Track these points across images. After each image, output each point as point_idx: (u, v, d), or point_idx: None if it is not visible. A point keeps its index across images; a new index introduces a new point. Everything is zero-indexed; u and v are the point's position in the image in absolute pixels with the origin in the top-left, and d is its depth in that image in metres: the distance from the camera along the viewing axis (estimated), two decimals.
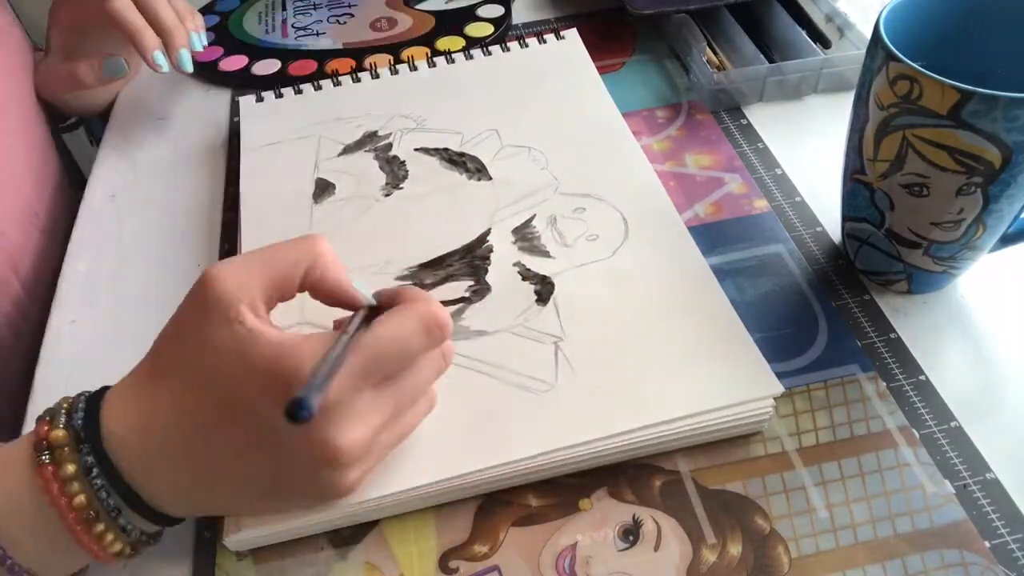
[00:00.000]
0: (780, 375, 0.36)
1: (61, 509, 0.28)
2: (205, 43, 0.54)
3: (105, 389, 0.31)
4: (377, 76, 0.57)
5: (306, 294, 0.42)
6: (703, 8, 0.58)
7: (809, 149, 0.51)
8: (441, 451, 0.35)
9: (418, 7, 0.66)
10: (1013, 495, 0.34)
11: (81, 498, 0.28)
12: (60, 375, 0.42)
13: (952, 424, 0.37)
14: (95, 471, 0.29)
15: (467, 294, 0.42)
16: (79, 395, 0.31)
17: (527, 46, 0.58)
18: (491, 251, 0.44)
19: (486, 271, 0.43)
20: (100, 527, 0.29)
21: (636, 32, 0.62)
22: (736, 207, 0.47)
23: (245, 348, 0.28)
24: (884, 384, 0.38)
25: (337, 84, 0.57)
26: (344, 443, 0.29)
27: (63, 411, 0.30)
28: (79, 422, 0.29)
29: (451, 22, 0.63)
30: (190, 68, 0.52)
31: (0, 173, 0.49)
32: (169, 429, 0.29)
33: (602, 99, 0.53)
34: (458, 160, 0.50)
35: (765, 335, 0.40)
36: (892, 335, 0.40)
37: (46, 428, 0.29)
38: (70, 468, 0.28)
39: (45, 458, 0.28)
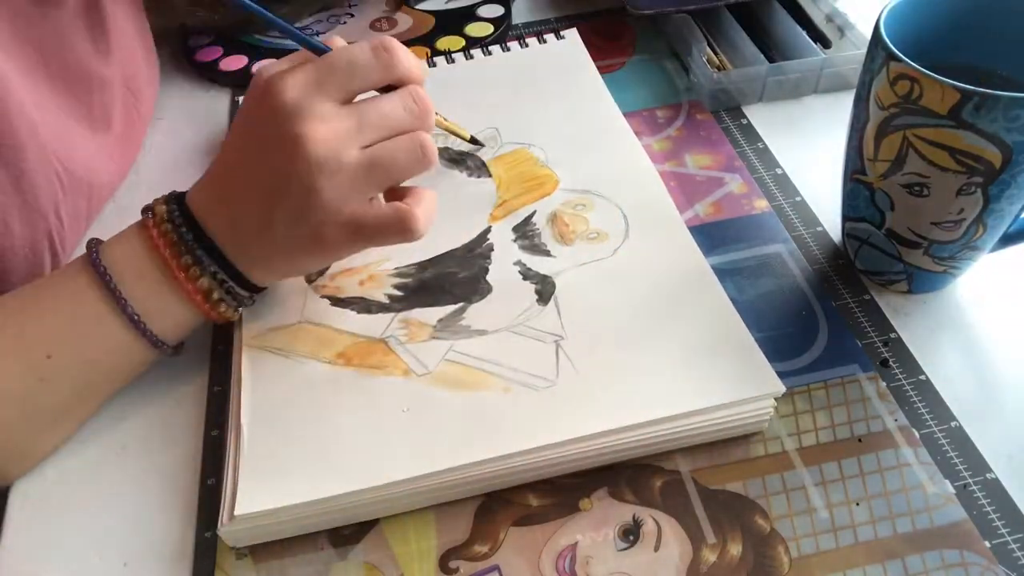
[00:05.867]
0: (780, 375, 0.36)
1: (157, 247, 0.36)
2: None
3: None
4: None
5: (307, 294, 0.42)
6: (703, 8, 0.58)
7: (809, 149, 0.51)
8: (441, 444, 0.35)
9: (418, 7, 0.66)
10: (1013, 495, 0.34)
11: (171, 235, 0.36)
12: None
13: (952, 424, 0.37)
14: (176, 212, 0.37)
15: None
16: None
17: (527, 46, 0.58)
18: (491, 250, 0.44)
19: (487, 270, 0.43)
20: (187, 259, 0.36)
21: (636, 32, 0.62)
22: (736, 207, 0.47)
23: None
24: (884, 384, 0.38)
25: None
26: (302, 131, 0.34)
27: (164, 195, 0.38)
28: (173, 194, 0.38)
29: (451, 22, 0.63)
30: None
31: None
32: (213, 180, 0.38)
33: (602, 98, 0.53)
34: (458, 159, 0.50)
35: (765, 335, 0.40)
36: (892, 335, 0.40)
37: (152, 203, 0.38)
38: (162, 211, 0.37)
39: (148, 215, 0.37)
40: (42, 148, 0.42)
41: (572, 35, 0.59)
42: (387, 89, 0.37)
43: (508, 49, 0.58)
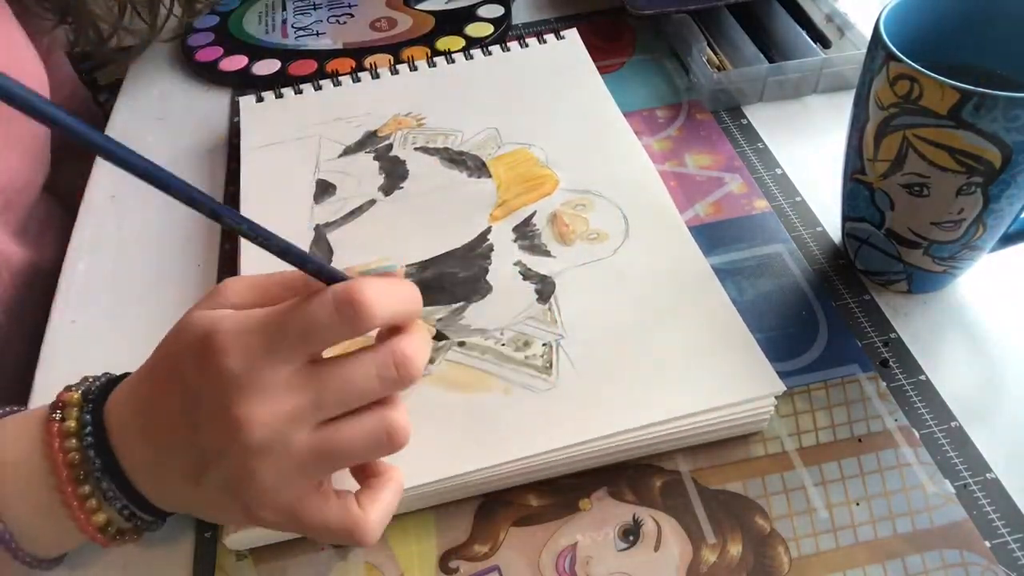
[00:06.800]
0: (780, 375, 0.36)
1: (56, 464, 0.30)
2: None
3: (128, 374, 0.33)
4: (377, 76, 0.57)
5: None
6: (703, 8, 0.58)
7: (809, 149, 0.51)
8: (441, 450, 0.35)
9: (418, 7, 0.66)
10: (1013, 495, 0.34)
11: (75, 455, 0.30)
12: (60, 375, 0.42)
13: (952, 424, 0.37)
14: (89, 429, 0.30)
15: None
16: (106, 373, 0.33)
17: (527, 46, 0.58)
18: (491, 250, 0.44)
19: (487, 270, 0.43)
20: (86, 488, 0.30)
21: (636, 32, 0.62)
22: (736, 207, 0.47)
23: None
24: (884, 384, 0.38)
25: (337, 84, 0.56)
26: (243, 413, 0.27)
27: (87, 381, 0.33)
28: (94, 389, 0.32)
29: (451, 22, 0.63)
30: None
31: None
32: (137, 404, 0.31)
33: (602, 98, 0.53)
34: (458, 159, 0.50)
35: (765, 335, 0.40)
36: (892, 335, 0.40)
37: (67, 393, 0.32)
38: (72, 425, 0.31)
39: (56, 415, 0.31)
40: None
41: (572, 35, 0.59)
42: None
43: (508, 49, 0.58)
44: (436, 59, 0.58)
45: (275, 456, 0.28)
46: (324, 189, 0.48)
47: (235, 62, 0.61)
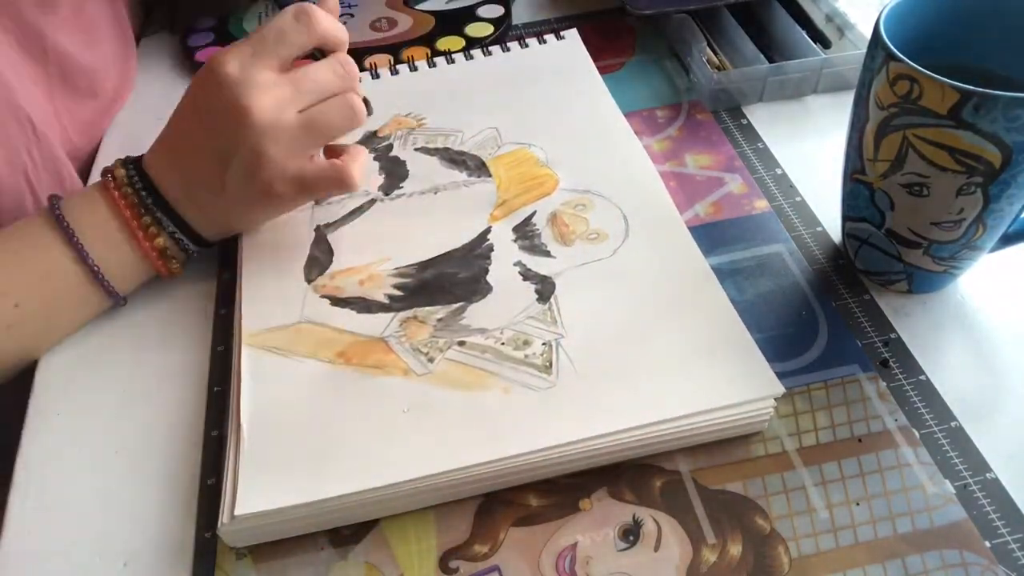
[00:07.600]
0: (780, 375, 0.36)
1: (119, 207, 0.41)
2: None
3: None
4: (377, 76, 0.57)
5: (306, 294, 0.42)
6: (703, 8, 0.58)
7: (809, 149, 0.51)
8: (441, 445, 0.35)
9: (418, 7, 0.66)
10: (1013, 495, 0.34)
11: (132, 197, 0.41)
12: (61, 373, 0.42)
13: (952, 424, 0.37)
14: (135, 177, 0.41)
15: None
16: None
17: (527, 46, 0.58)
18: (491, 250, 0.44)
19: (487, 270, 0.43)
20: (147, 219, 0.41)
21: (636, 32, 0.62)
22: (736, 207, 0.47)
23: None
24: (884, 384, 0.38)
25: None
26: (247, 102, 0.38)
27: (120, 159, 0.43)
28: (131, 157, 0.43)
29: (451, 22, 0.63)
30: None
31: None
32: (166, 145, 0.42)
33: (603, 98, 0.53)
34: (458, 159, 0.50)
35: (765, 335, 0.40)
36: (892, 335, 0.40)
37: (110, 166, 0.42)
38: (122, 177, 0.41)
39: (108, 177, 0.42)
40: (9, 90, 0.45)
41: (572, 35, 0.59)
42: (315, 58, 0.42)
43: (508, 49, 0.58)
44: (436, 59, 0.58)
45: (276, 132, 0.39)
46: None
47: None
